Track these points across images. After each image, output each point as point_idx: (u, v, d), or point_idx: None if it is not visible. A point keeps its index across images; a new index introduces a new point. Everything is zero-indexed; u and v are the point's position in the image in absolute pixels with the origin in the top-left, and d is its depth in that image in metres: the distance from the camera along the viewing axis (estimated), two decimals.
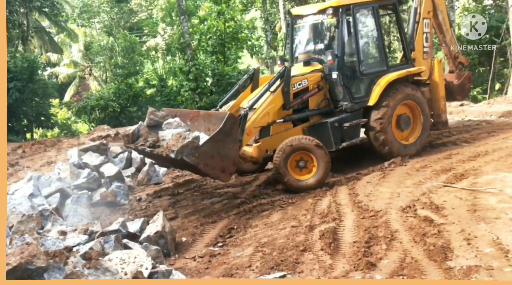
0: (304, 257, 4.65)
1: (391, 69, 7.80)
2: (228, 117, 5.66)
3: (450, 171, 6.88)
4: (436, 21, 8.77)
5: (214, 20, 21.30)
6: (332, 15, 7.27)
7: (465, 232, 4.77)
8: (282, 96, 6.96)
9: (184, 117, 6.77)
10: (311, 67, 7.47)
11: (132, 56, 22.29)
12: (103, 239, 4.27)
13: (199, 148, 5.52)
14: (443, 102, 8.63)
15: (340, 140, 7.32)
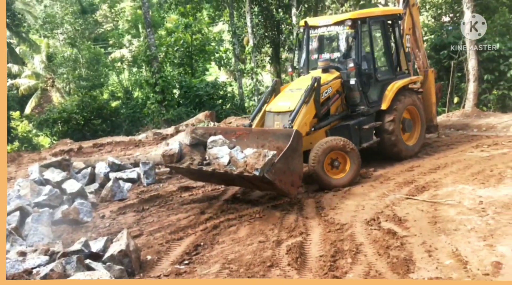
0: (271, 273, 4.65)
1: (397, 77, 8.60)
2: (295, 133, 6.00)
3: (412, 183, 7.08)
4: (414, 37, 9.56)
5: (181, 33, 21.28)
6: (350, 27, 7.91)
7: (426, 244, 4.91)
8: (314, 106, 7.46)
9: (228, 134, 7.00)
10: (331, 74, 7.99)
11: (97, 68, 21.92)
12: (65, 259, 4.14)
13: (275, 164, 5.75)
14: (434, 108, 9.70)
15: (359, 142, 7.88)
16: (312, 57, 8.80)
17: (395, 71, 8.72)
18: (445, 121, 12.29)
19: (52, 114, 19.11)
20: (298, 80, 8.36)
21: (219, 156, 6.41)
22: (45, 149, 15.64)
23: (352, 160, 7.25)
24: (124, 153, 11.23)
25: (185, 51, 21.67)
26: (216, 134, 7.00)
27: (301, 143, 6.18)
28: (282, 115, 7.35)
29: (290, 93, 7.77)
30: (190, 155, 6.83)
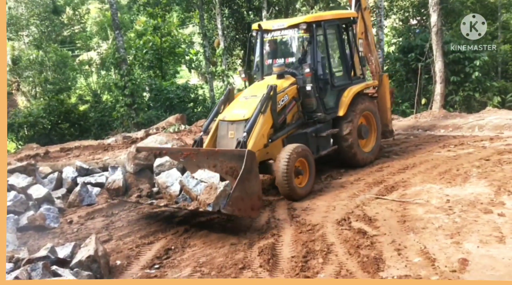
0: (243, 275, 4.64)
1: (353, 82, 8.40)
2: (248, 154, 5.61)
3: (382, 183, 7.20)
4: (366, 41, 9.43)
5: (150, 35, 21.06)
6: (305, 30, 7.60)
7: (395, 242, 4.99)
8: (271, 116, 7.06)
9: (174, 155, 6.56)
10: (286, 80, 7.65)
11: (64, 71, 21.42)
12: (30, 266, 4.01)
13: (231, 195, 5.36)
14: (389, 113, 9.54)
15: (316, 150, 7.64)
16: (266, 63, 8.44)
17: (351, 76, 8.50)
18: (413, 123, 12.56)
19: (17, 118, 18.54)
20: (252, 87, 7.94)
21: (169, 183, 5.98)
22: (10, 154, 15.13)
23: (311, 167, 7.08)
24: (93, 157, 10.97)
25: (154, 54, 21.48)
26: (161, 155, 6.59)
27: (255, 162, 5.81)
28: (236, 124, 6.96)
29: (244, 101, 7.35)
30: (136, 184, 6.32)
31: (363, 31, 9.29)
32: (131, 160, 6.53)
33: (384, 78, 9.42)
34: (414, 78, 16.95)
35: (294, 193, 6.75)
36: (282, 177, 6.60)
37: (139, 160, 6.51)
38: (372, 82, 9.21)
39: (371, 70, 9.76)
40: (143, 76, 20.24)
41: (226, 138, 7.04)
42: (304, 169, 6.99)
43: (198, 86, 22.56)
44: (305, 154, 6.96)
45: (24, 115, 18.64)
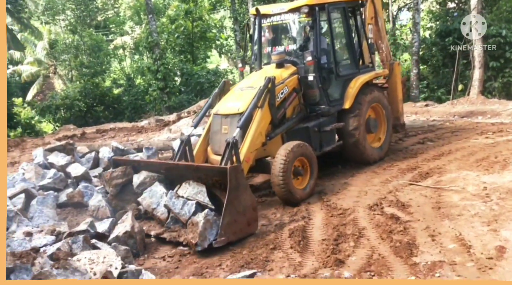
0: (274, 255, 4.69)
1: (360, 72, 7.64)
2: (230, 171, 5.00)
3: (416, 170, 7.08)
4: (376, 27, 8.66)
5: (182, 20, 21.16)
6: (307, 14, 6.89)
7: (429, 228, 4.92)
8: (269, 111, 6.39)
9: (152, 167, 6.05)
10: (286, 69, 6.93)
11: (99, 55, 21.83)
12: (71, 239, 4.18)
13: (222, 223, 4.89)
14: (401, 105, 8.74)
15: (319, 146, 6.98)
16: (264, 51, 7.67)
17: (358, 65, 7.67)
18: (450, 109, 12.25)
19: (54, 101, 19.11)
20: (249, 77, 7.30)
21: (155, 204, 5.47)
22: (49, 134, 15.68)
23: (312, 166, 6.38)
24: (127, 139, 11.24)
25: (186, 39, 21.58)
26: (139, 169, 6.03)
27: (241, 175, 5.21)
28: (230, 119, 6.31)
29: (240, 93, 6.70)
30: (122, 206, 5.83)
31: (373, 16, 8.50)
32: (108, 182, 5.89)
33: (395, 66, 8.64)
34: (451, 64, 16.44)
35: (292, 196, 6.04)
36: (278, 178, 5.90)
37: (116, 178, 5.88)
38: (382, 71, 8.38)
39: (381, 58, 8.98)
40: (174, 61, 20.41)
41: (219, 134, 6.43)
42: (304, 168, 6.32)
43: (228, 71, 22.59)
44: (305, 151, 6.25)
45: (61, 97, 19.18)
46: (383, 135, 7.94)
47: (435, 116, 11.65)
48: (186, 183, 5.47)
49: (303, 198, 6.19)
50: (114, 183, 5.87)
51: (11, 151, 11.38)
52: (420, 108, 12.92)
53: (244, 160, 5.80)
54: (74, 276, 2.99)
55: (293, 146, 6.10)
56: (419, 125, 10.72)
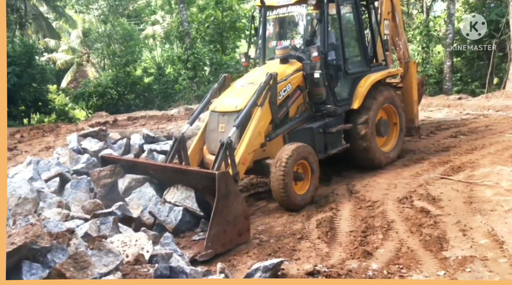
0: (301, 245, 4.71)
1: (372, 70, 7.19)
2: (219, 178, 4.57)
3: (447, 163, 6.95)
4: (393, 23, 8.25)
5: (212, 9, 21.22)
6: (315, 7, 6.50)
7: (461, 223, 4.84)
8: (270, 110, 5.97)
9: (141, 169, 5.69)
10: (290, 65, 6.54)
11: (130, 44, 22.16)
12: (100, 220, 4.28)
13: (209, 234, 4.51)
14: (416, 106, 8.24)
15: (324, 148, 6.54)
16: (269, 45, 7.22)
17: (370, 63, 7.18)
18: (484, 102, 11.93)
19: (87, 88, 19.56)
20: (251, 73, 6.91)
21: (143, 207, 5.20)
22: (82, 121, 16.10)
23: (313, 171, 5.95)
24: (157, 126, 11.44)
25: (216, 28, 21.65)
26: (125, 168, 5.71)
27: (230, 182, 4.75)
28: (228, 116, 5.89)
29: (240, 89, 6.31)
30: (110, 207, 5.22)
31: (390, 11, 8.06)
32: (96, 182, 5.58)
33: (411, 65, 8.09)
34: (486, 56, 15.98)
35: (292, 202, 5.64)
36: (278, 185, 5.52)
37: (105, 178, 5.56)
38: (395, 69, 7.91)
39: (398, 56, 8.52)
40: (204, 51, 20.53)
41: (216, 132, 6.04)
42: (305, 172, 5.90)
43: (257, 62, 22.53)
44: (306, 155, 5.83)
45: (94, 85, 19.61)
46: (395, 139, 7.44)
47: (468, 109, 11.38)
48: (174, 187, 5.15)
49: (302, 206, 5.75)
50: (102, 183, 5.56)
51: (46, 136, 11.76)
52: (453, 101, 12.65)
53: (240, 162, 5.43)
54: (108, 257, 3.09)
55: (293, 148, 5.67)
56: (451, 118, 10.50)
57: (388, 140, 7.42)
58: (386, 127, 7.26)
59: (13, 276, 2.99)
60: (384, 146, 7.32)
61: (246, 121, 5.73)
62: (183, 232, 4.94)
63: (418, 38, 18.46)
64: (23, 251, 2.89)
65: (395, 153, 7.38)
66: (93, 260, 2.95)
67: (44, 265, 3.08)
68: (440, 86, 17.72)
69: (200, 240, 4.66)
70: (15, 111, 17.94)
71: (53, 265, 3.06)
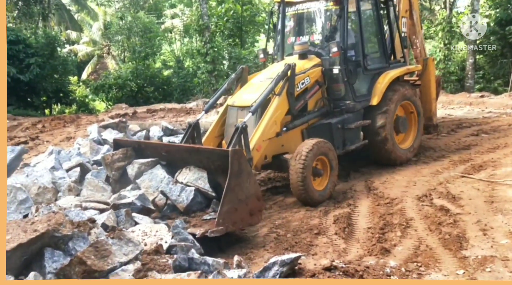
0: (318, 240, 4.70)
1: (391, 66, 7.17)
2: (232, 155, 4.57)
3: (468, 162, 6.85)
4: (411, 21, 8.22)
5: (231, 3, 21.20)
6: (335, 2, 6.52)
7: (481, 222, 4.77)
8: (287, 100, 5.99)
9: (154, 149, 5.63)
10: (309, 61, 6.55)
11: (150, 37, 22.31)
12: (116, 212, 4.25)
13: (221, 211, 4.48)
14: (434, 104, 8.18)
15: (342, 144, 6.52)
16: (288, 41, 7.21)
17: (388, 59, 7.18)
18: (507, 101, 11.68)
19: (108, 80, 19.76)
20: (270, 68, 6.85)
21: (153, 189, 5.11)
22: (102, 112, 16.30)
23: (332, 167, 5.92)
24: (176, 119, 11.52)
25: (235, 22, 21.63)
26: (137, 150, 5.64)
27: (244, 160, 4.74)
28: (246, 111, 5.79)
29: (258, 84, 6.28)
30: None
31: (408, 9, 8.08)
32: (109, 166, 5.55)
33: (429, 62, 8.02)
34: (510, 54, 15.63)
35: (311, 198, 5.63)
36: (297, 178, 5.51)
37: (118, 161, 5.52)
38: (414, 66, 7.89)
39: (415, 55, 8.51)
40: (223, 45, 20.54)
41: (234, 127, 5.79)
42: (324, 168, 5.87)
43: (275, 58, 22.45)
44: (326, 150, 5.81)
45: (114, 77, 19.80)
46: (413, 136, 7.40)
47: (490, 107, 11.17)
48: (186, 168, 5.12)
49: (320, 201, 5.73)
50: (116, 166, 5.52)
51: (67, 126, 11.96)
52: (475, 99, 12.42)
53: (254, 148, 5.43)
54: (128, 247, 3.13)
55: (313, 143, 5.66)
56: (473, 116, 10.33)
57: (406, 138, 7.38)
58: (404, 124, 7.23)
59: (35, 263, 3.06)
60: (402, 142, 7.27)
61: (262, 109, 5.79)
62: (194, 212, 4.90)
63: (440, 35, 18.16)
64: (46, 238, 2.95)
65: (413, 150, 7.34)
66: (114, 249, 2.99)
67: (65, 253, 3.14)
68: (462, 83, 17.42)
69: (211, 219, 4.62)
70: (37, 101, 18.28)
71: (74, 253, 3.12)
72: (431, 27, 20.45)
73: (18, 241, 2.83)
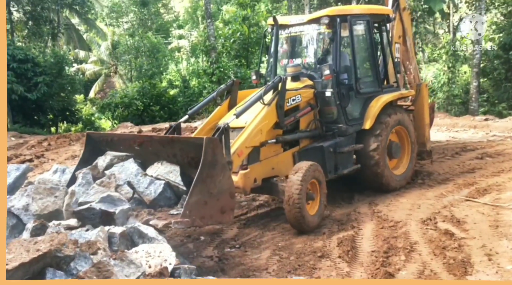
0: (321, 263, 4.67)
1: (384, 91, 7.10)
2: (206, 143, 4.28)
3: (473, 185, 6.81)
4: (404, 47, 8.17)
5: (239, 25, 21.53)
6: (327, 26, 6.49)
7: (486, 247, 4.72)
8: (276, 112, 5.85)
9: (126, 142, 5.31)
10: (301, 83, 6.51)
11: (157, 57, 22.61)
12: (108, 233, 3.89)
13: (188, 201, 4.12)
14: (428, 130, 8.05)
15: (334, 168, 6.39)
16: (281, 63, 7.19)
17: (382, 84, 7.11)
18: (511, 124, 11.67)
19: (114, 99, 19.98)
20: (262, 90, 6.40)
21: (121, 182, 4.73)
22: (107, 131, 16.40)
23: (321, 190, 5.76)
24: None
25: (241, 43, 21.91)
26: (112, 142, 5.39)
27: (219, 151, 4.49)
28: (237, 132, 5.58)
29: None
30: None
31: (401, 35, 8.05)
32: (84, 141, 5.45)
33: (422, 88, 7.93)
34: None
35: (305, 223, 5.44)
36: (294, 203, 5.28)
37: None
38: (407, 91, 7.75)
39: (408, 80, 8.39)
40: (229, 65, 20.78)
41: None
42: (315, 192, 5.70)
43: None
44: (318, 174, 5.67)
45: (120, 96, 20.02)
46: (406, 162, 7.26)
47: (495, 131, 11.15)
48: (158, 162, 4.85)
49: (314, 226, 5.57)
50: None
51: (73, 145, 12.03)
52: (479, 122, 12.42)
53: (236, 152, 5.20)
54: (129, 268, 3.12)
55: (308, 166, 5.51)
56: (477, 139, 10.31)
57: (399, 163, 7.27)
58: (397, 149, 7.12)
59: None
60: (395, 168, 7.16)
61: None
62: (161, 207, 4.57)
63: (444, 58, 18.30)
64: (48, 258, 2.95)
65: (406, 177, 7.21)
66: (116, 270, 2.99)
67: (67, 273, 3.14)
68: (466, 106, 17.46)
69: (178, 215, 4.21)
70: (44, 120, 18.46)
71: (75, 272, 3.11)
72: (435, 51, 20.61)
73: (20, 260, 2.83)
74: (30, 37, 21.72)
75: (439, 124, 12.62)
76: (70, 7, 23.04)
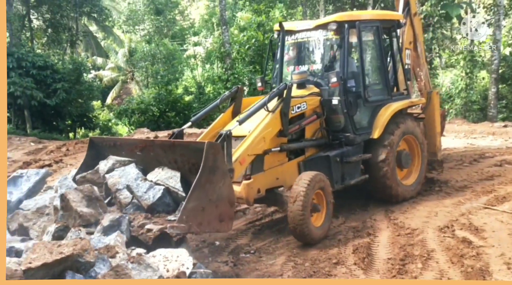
0: (336, 270, 4.65)
1: (393, 99, 6.89)
2: (207, 148, 4.21)
3: (491, 193, 6.72)
4: (415, 53, 7.98)
5: (253, 31, 21.65)
6: (335, 32, 6.30)
7: (505, 256, 4.65)
8: (280, 120, 5.69)
9: (129, 147, 5.24)
10: (307, 90, 6.38)
11: (173, 64, 22.82)
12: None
13: (185, 206, 4.03)
14: (438, 138, 7.85)
15: (341, 178, 6.23)
16: (287, 70, 7.06)
17: (391, 91, 6.88)
18: None
19: (131, 105, 20.20)
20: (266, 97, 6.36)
21: (121, 186, 4.71)
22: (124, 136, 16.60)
23: (328, 201, 5.58)
24: None
25: (256, 50, 22.02)
26: (115, 146, 5.35)
27: (221, 157, 4.43)
28: (240, 141, 5.44)
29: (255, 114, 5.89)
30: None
31: (412, 41, 7.84)
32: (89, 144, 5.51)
33: (433, 96, 7.74)
34: None
35: (310, 235, 5.26)
36: (298, 214, 5.11)
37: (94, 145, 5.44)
38: (418, 99, 7.61)
39: (419, 87, 8.22)
40: (244, 71, 20.89)
41: None
42: (321, 203, 5.53)
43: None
44: (323, 184, 5.50)
45: (137, 102, 20.25)
46: (417, 172, 7.03)
47: None
48: (159, 168, 4.79)
49: (320, 238, 5.40)
50: None
51: None
52: (498, 129, 12.26)
53: (238, 160, 5.06)
54: (146, 272, 3.17)
55: (312, 176, 5.34)
56: (496, 146, 10.17)
57: (409, 174, 7.05)
58: (407, 159, 6.90)
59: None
60: (405, 178, 6.96)
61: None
62: (158, 212, 4.46)
63: (461, 63, 18.11)
64: (69, 262, 3.02)
65: (416, 187, 7.00)
66: (133, 273, 3.03)
67: (86, 276, 3.19)
68: (484, 112, 17.23)
69: (175, 220, 4.10)
70: (62, 125, 18.79)
71: (94, 275, 3.17)
72: (453, 56, 20.41)
73: (44, 260, 2.92)
74: (50, 44, 22.16)
75: (456, 131, 12.49)
76: (88, 15, 23.48)
